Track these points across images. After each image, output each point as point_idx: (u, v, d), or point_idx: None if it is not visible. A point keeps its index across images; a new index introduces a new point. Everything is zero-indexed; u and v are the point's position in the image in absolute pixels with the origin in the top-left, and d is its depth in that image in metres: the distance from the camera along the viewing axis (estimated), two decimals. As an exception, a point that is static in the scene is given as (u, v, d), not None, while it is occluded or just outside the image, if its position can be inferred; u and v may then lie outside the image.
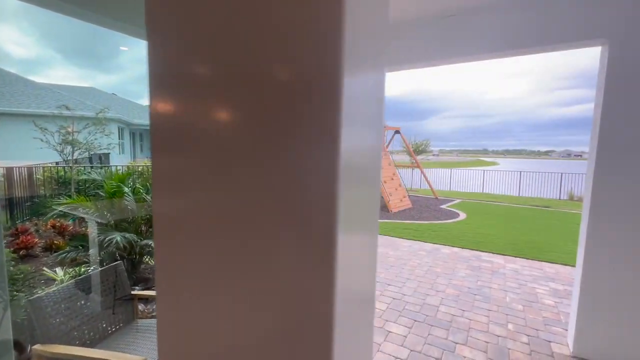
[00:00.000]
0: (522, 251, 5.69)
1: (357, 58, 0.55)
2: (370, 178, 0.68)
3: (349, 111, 0.52)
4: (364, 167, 0.63)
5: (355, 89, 0.55)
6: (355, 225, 0.61)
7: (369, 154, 0.66)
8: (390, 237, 6.51)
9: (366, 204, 0.66)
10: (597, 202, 2.61)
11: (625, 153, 2.49)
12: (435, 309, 3.53)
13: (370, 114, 0.65)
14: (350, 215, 0.56)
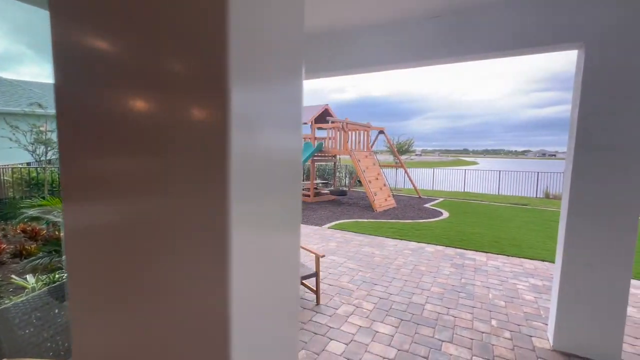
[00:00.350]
0: (503, 248, 5.86)
1: (251, 61, 0.54)
2: (283, 179, 0.67)
3: (242, 113, 0.51)
4: (270, 167, 0.63)
5: (252, 92, 0.55)
6: (261, 227, 0.61)
7: (278, 155, 0.65)
8: (375, 237, 6.55)
9: (276, 206, 0.66)
10: (574, 200, 2.70)
11: (601, 153, 2.59)
12: (422, 308, 3.56)
13: (279, 116, 0.65)
14: (251, 218, 0.56)
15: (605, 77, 2.53)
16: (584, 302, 2.72)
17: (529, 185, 15.26)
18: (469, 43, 3.01)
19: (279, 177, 0.67)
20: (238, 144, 0.51)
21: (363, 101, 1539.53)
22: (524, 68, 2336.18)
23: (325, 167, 15.96)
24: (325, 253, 5.40)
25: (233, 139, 0.50)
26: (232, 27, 0.48)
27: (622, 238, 2.56)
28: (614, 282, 2.61)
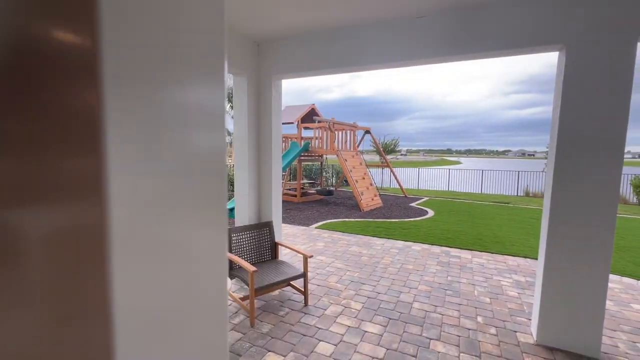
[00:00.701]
0: (487, 246, 5.98)
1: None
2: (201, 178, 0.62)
3: (123, 108, 0.46)
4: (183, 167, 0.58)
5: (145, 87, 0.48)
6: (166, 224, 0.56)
7: (176, 153, 0.60)
8: (363, 236, 6.57)
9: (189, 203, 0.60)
10: (556, 199, 2.77)
11: (581, 152, 2.66)
12: (409, 306, 3.58)
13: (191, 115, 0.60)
14: (145, 215, 0.51)
15: (584, 79, 2.61)
16: (565, 298, 2.80)
17: (510, 184, 15.71)
18: (455, 44, 3.04)
19: (195, 176, 0.61)
20: (117, 140, 0.44)
21: (349, 101, 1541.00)
22: (503, 70, 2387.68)
23: (312, 167, 15.94)
24: (313, 253, 5.37)
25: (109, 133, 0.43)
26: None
27: (601, 235, 2.64)
28: (594, 277, 2.69)
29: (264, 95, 4.05)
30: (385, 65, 3.43)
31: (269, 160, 4.10)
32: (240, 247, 3.75)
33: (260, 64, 4.03)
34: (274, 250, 3.98)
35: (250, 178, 4.04)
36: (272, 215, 4.17)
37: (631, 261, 5.28)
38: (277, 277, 3.39)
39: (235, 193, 4.14)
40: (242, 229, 3.82)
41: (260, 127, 4.12)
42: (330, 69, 3.66)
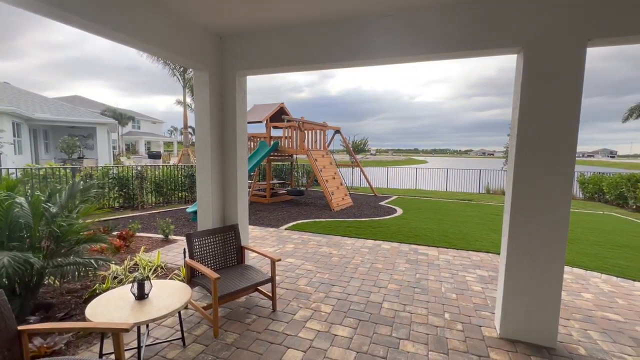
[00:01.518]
0: (453, 242, 6.17)
1: None
2: None
3: None
4: None
5: None
6: None
7: None
8: (333, 236, 6.52)
9: None
10: (516, 196, 2.87)
11: (538, 151, 2.77)
12: (379, 306, 3.57)
13: None
14: None
15: (541, 81, 2.71)
16: (525, 291, 2.91)
17: (472, 182, 16.50)
18: (418, 43, 3.05)
19: None
20: None
21: (319, 101, 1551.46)
22: (464, 74, 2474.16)
23: (282, 167, 15.72)
24: (282, 255, 5.23)
25: None
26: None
27: (556, 229, 2.77)
28: (550, 270, 2.81)
29: (228, 92, 3.85)
30: (351, 63, 3.38)
31: (234, 160, 3.91)
32: (203, 252, 3.53)
33: (223, 58, 3.83)
34: (240, 255, 3.80)
35: (213, 179, 3.83)
36: (238, 218, 3.98)
37: (580, 252, 5.68)
38: (242, 283, 3.22)
39: (197, 195, 3.90)
40: (205, 233, 3.60)
41: (224, 125, 3.91)
42: (297, 66, 3.55)
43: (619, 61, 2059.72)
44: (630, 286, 4.29)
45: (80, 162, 16.61)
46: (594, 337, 3.04)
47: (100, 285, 3.65)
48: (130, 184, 9.08)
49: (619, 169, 20.67)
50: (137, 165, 9.70)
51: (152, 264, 4.41)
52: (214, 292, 2.88)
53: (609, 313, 3.53)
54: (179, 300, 2.56)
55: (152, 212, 8.85)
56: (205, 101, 3.69)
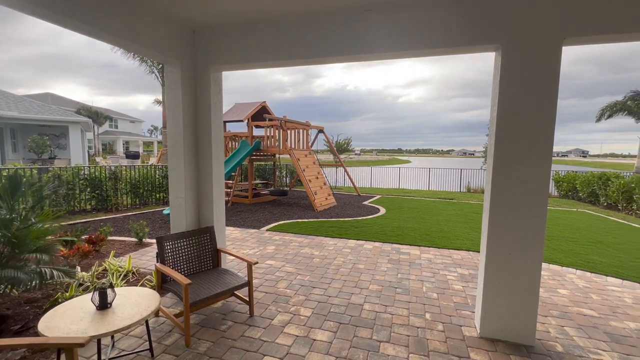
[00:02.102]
0: (434, 241, 6.20)
1: None
2: None
3: None
4: None
5: None
6: None
7: None
8: (315, 237, 6.42)
9: None
10: (495, 194, 2.85)
11: (516, 149, 2.76)
12: (360, 308, 3.49)
13: None
14: None
15: (518, 79, 2.70)
16: (505, 289, 2.89)
17: (453, 181, 16.80)
18: (400, 39, 2.99)
19: None
20: None
21: (304, 101, 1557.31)
22: (445, 76, 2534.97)
23: (265, 167, 15.49)
24: (262, 258, 5.08)
25: None
26: None
27: (535, 227, 2.76)
28: (529, 267, 2.81)
29: (202, 88, 3.68)
30: (330, 59, 3.28)
31: (209, 159, 3.74)
32: (175, 257, 3.35)
33: (196, 53, 3.65)
34: (215, 258, 3.64)
35: (187, 180, 3.64)
36: (214, 220, 3.81)
37: (556, 249, 5.82)
38: (217, 288, 3.07)
39: (170, 197, 3.71)
40: (178, 236, 3.42)
41: (198, 123, 3.74)
42: (275, 62, 3.43)
43: (589, 65, 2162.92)
44: (603, 281, 4.40)
45: (52, 163, 15.81)
46: (571, 334, 3.07)
47: (63, 293, 3.40)
48: (104, 185, 8.67)
49: (591, 167, 21.57)
50: (110, 165, 9.28)
51: (123, 269, 4.18)
52: (185, 299, 2.72)
53: (584, 309, 3.59)
54: (145, 309, 2.38)
55: (127, 214, 8.48)
56: (177, 97, 3.51)
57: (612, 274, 4.63)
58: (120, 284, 3.82)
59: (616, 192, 10.62)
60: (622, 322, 3.32)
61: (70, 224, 6.95)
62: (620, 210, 10.40)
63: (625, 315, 3.47)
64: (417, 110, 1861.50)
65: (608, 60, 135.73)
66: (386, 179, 18.30)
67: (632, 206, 9.98)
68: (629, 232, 7.47)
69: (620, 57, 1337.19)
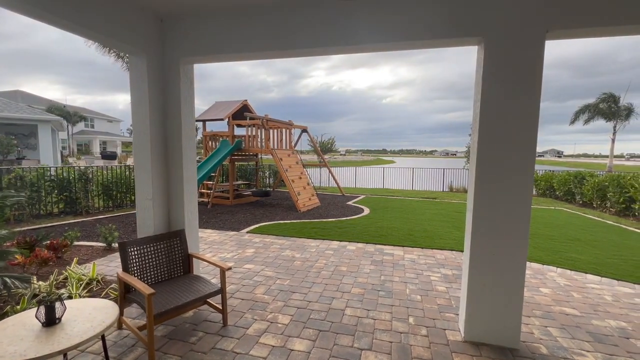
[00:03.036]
0: (418, 241, 6.12)
1: None
2: None
3: None
4: None
5: None
6: None
7: None
8: (297, 239, 6.23)
9: None
10: (479, 192, 2.75)
11: (500, 146, 2.67)
12: (341, 314, 3.32)
13: None
14: None
15: (501, 73, 2.61)
16: (489, 291, 2.80)
17: (436, 181, 16.98)
18: (382, 31, 2.85)
19: None
20: None
21: (289, 101, 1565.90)
22: (427, 78, 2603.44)
23: (248, 167, 15.14)
24: (240, 262, 4.84)
25: None
26: None
27: (518, 225, 2.68)
28: (513, 267, 2.72)
29: (172, 82, 3.42)
30: (309, 51, 3.11)
31: (179, 157, 3.49)
32: (142, 263, 3.09)
33: (165, 43, 3.40)
34: (187, 264, 3.39)
35: (155, 180, 3.38)
36: (186, 223, 3.56)
37: (536, 247, 5.86)
38: (186, 296, 2.83)
39: (136, 199, 3.44)
40: (144, 241, 3.15)
41: (167, 119, 3.48)
42: (250, 53, 3.22)
43: (562, 69, 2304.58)
44: (583, 279, 4.42)
45: (19, 164, 14.90)
46: (554, 334, 3.01)
47: (14, 307, 3.07)
48: (73, 187, 8.16)
49: (566, 167, 22.29)
50: (80, 166, 8.76)
51: (86, 277, 3.85)
52: (148, 310, 2.47)
53: (566, 307, 3.56)
54: (99, 324, 2.13)
55: (98, 217, 8.01)
56: (143, 91, 3.24)
57: (591, 271, 4.66)
58: (82, 294, 3.51)
59: (591, 191, 10.95)
60: (603, 320, 3.30)
61: (33, 229, 6.48)
62: (595, 208, 10.72)
63: (605, 313, 3.46)
64: (401, 111, 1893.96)
65: (580, 65, 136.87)
66: (371, 179, 18.30)
67: (606, 204, 10.30)
68: (604, 229, 7.67)
69: (591, 62, 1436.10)
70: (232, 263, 4.78)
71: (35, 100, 34.78)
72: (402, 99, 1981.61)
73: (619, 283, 4.28)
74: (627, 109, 21.27)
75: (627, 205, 9.39)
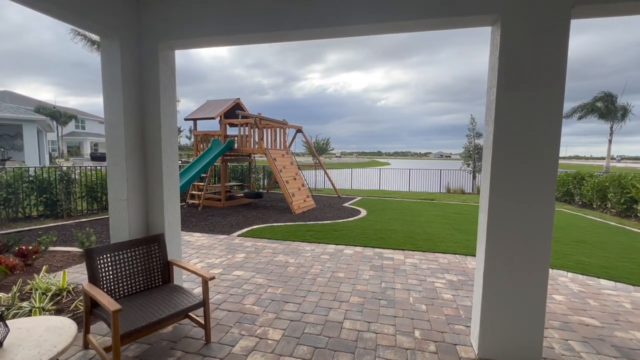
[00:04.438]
0: (418, 244, 5.81)
1: None
2: None
3: None
4: None
5: None
6: None
7: None
8: (291, 242, 5.87)
9: None
10: (495, 191, 2.43)
11: (518, 138, 2.36)
12: (339, 327, 2.98)
13: None
14: None
15: (520, 54, 2.30)
16: (507, 302, 2.48)
17: (433, 182, 16.75)
18: (381, 7, 2.53)
19: None
20: None
21: (284, 103, 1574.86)
22: (421, 81, 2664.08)
23: (242, 168, 14.74)
24: (229, 268, 4.48)
25: None
26: None
27: (541, 228, 2.37)
28: (535, 276, 2.41)
29: (149, 69, 3.07)
30: (306, 33, 2.77)
31: (159, 153, 3.13)
32: (114, 273, 2.71)
33: (141, 25, 3.04)
34: (166, 273, 3.02)
35: (130, 178, 3.01)
36: (166, 227, 3.19)
37: (543, 250, 5.57)
38: (162, 311, 2.46)
39: (109, 199, 3.07)
40: (117, 247, 2.78)
41: (145, 110, 3.12)
42: (240, 35, 2.85)
43: None
44: (596, 284, 4.13)
45: (3, 165, 14.34)
46: (577, 349, 2.70)
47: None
48: (54, 188, 7.71)
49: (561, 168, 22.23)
50: (62, 166, 8.31)
51: (56, 287, 3.46)
52: (113, 329, 2.11)
53: (584, 317, 3.26)
54: (49, 350, 1.76)
55: (81, 220, 7.57)
56: (116, 78, 2.88)
57: (604, 275, 4.39)
58: (48, 307, 3.11)
59: (591, 191, 10.77)
60: (627, 332, 3.00)
61: (4, 233, 6.02)
62: (595, 209, 10.53)
63: (628, 323, 3.16)
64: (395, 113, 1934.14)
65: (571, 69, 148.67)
66: (367, 181, 18.01)
67: (607, 205, 10.11)
68: (608, 230, 7.43)
69: (582, 65, 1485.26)
70: (220, 270, 4.41)
71: (24, 101, 33.95)
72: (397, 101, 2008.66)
73: (635, 289, 4.00)
74: (623, 109, 21.32)
75: (629, 205, 9.20)
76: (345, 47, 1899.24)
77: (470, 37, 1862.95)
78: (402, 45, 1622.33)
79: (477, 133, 19.05)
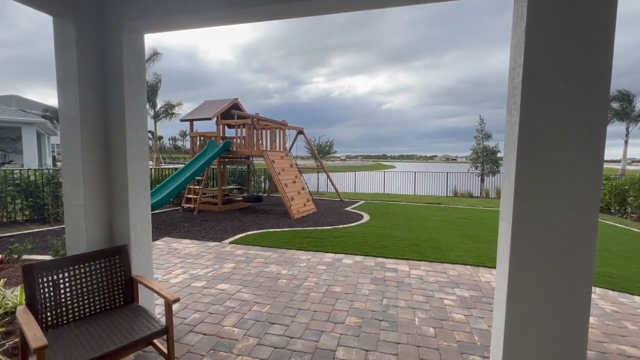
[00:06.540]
0: (425, 253, 5.31)
1: None
2: None
3: None
4: None
5: None
6: None
7: None
8: (286, 250, 5.42)
9: None
10: (523, 194, 1.96)
11: (549, 131, 1.89)
12: (331, 356, 2.51)
13: None
14: None
15: (557, 24, 1.84)
16: (538, 329, 1.99)
17: (439, 185, 16.19)
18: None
19: None
20: None
21: (289, 107, 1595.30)
22: (426, 84, 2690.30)
23: (241, 171, 14.35)
24: (214, 280, 4.04)
25: None
26: None
27: (582, 239, 1.88)
28: (575, 295, 1.92)
29: (113, 54, 2.66)
30: (300, 8, 2.34)
31: (123, 152, 2.71)
32: (63, 292, 2.29)
33: (102, 4, 2.64)
34: (129, 291, 2.59)
35: (88, 180, 2.59)
36: (131, 236, 2.77)
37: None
38: (114, 341, 2.02)
39: (64, 205, 2.65)
40: (67, 262, 2.36)
41: (108, 103, 2.71)
42: (210, 14, 2.45)
43: None
44: (631, 303, 3.60)
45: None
46: (622, 390, 2.20)
47: None
48: (40, 192, 7.37)
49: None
50: (48, 168, 7.99)
51: (11, 303, 3.05)
52: (39, 371, 1.67)
53: (624, 346, 2.74)
54: None
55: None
56: (71, 64, 2.48)
57: (638, 291, 3.85)
58: (-4, 329, 2.70)
59: (608, 195, 10.15)
60: (680, 366, 2.49)
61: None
62: (614, 214, 9.90)
63: (679, 354, 2.64)
64: (400, 116, 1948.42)
65: None
66: (371, 184, 17.50)
67: (626, 209, 9.48)
68: (632, 237, 6.84)
69: None
70: (204, 282, 3.97)
71: (31, 105, 34.11)
72: (401, 104, 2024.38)
73: (677, 308, 3.46)
74: (640, 111, 20.51)
75: (652, 210, 8.58)
76: (350, 51, 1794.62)
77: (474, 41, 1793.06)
78: (406, 49, 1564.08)
79: (486, 134, 18.47)
